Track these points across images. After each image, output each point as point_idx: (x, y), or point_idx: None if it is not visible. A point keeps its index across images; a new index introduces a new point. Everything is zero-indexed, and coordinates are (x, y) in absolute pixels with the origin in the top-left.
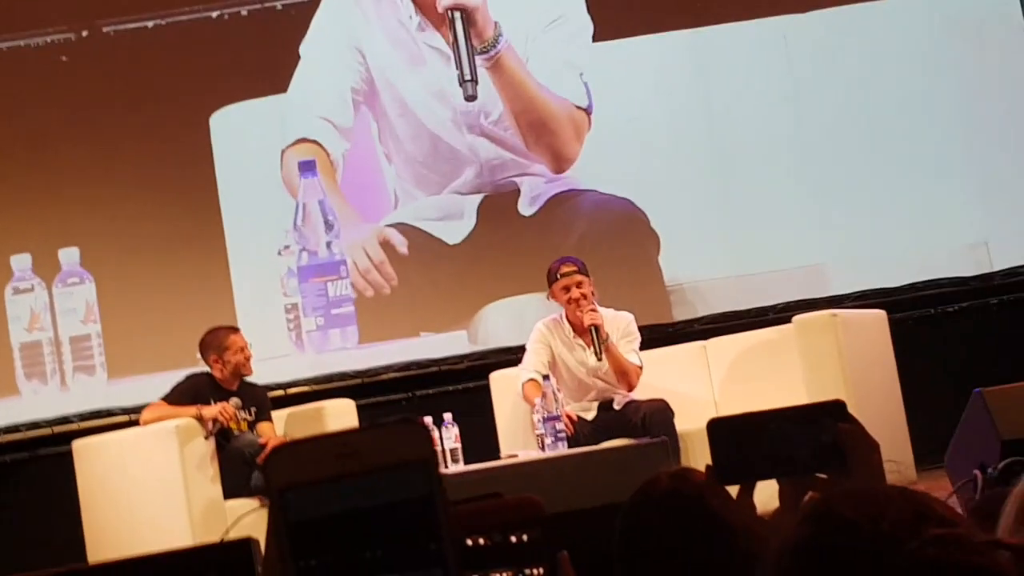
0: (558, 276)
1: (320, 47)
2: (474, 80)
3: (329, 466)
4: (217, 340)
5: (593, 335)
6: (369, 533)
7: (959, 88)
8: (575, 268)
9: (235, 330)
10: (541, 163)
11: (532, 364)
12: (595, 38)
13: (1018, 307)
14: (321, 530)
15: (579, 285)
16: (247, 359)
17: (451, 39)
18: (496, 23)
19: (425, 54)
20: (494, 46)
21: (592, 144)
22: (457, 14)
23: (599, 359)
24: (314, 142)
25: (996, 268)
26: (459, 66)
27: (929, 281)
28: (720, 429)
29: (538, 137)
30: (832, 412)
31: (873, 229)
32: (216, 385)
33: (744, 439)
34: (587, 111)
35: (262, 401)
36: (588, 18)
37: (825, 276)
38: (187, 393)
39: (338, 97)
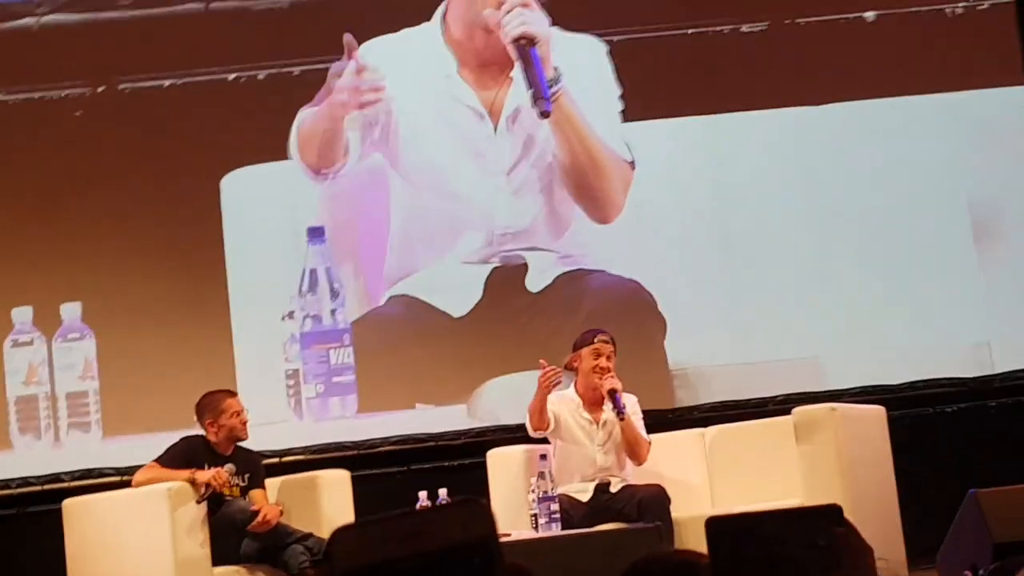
0: (594, 340)
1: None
2: (547, 98)
3: (394, 547)
4: (213, 403)
5: (613, 400)
6: None
7: (969, 189)
8: (609, 340)
9: (232, 394)
10: (588, 213)
11: None
12: None
13: (1017, 411)
14: None
15: (608, 357)
16: (243, 424)
17: (521, 66)
18: (556, 67)
19: (458, 112)
20: (555, 83)
21: (604, 226)
22: (524, 41)
23: (621, 419)
24: None
25: (998, 370)
26: (531, 85)
27: (929, 380)
28: (719, 528)
29: (591, 182)
30: (829, 516)
31: (876, 324)
32: (211, 449)
33: (742, 538)
34: (632, 165)
35: (256, 467)
36: (619, 93)
37: (826, 369)
38: (181, 456)
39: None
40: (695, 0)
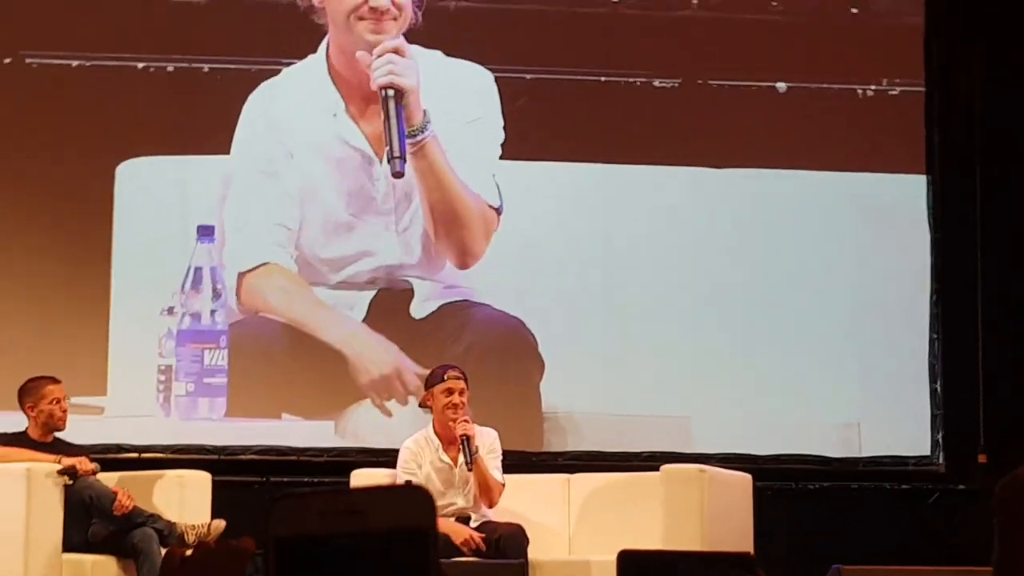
0: (444, 378)
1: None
2: (402, 157)
3: (333, 523)
4: (35, 388)
5: (464, 445)
6: None
7: (857, 270)
8: (460, 376)
9: (55, 381)
10: (446, 257)
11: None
12: (508, 156)
13: (877, 495)
14: None
15: (460, 393)
16: (63, 412)
17: (382, 116)
18: (425, 111)
19: (346, 155)
20: (422, 131)
21: (491, 260)
22: (391, 91)
23: (469, 469)
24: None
25: (864, 453)
26: (388, 141)
27: (795, 455)
28: (630, 562)
29: (449, 230)
30: (742, 563)
31: (750, 393)
32: (32, 442)
33: (654, 575)
34: (498, 211)
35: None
36: (502, 124)
37: (694, 431)
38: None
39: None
40: (612, 49)
